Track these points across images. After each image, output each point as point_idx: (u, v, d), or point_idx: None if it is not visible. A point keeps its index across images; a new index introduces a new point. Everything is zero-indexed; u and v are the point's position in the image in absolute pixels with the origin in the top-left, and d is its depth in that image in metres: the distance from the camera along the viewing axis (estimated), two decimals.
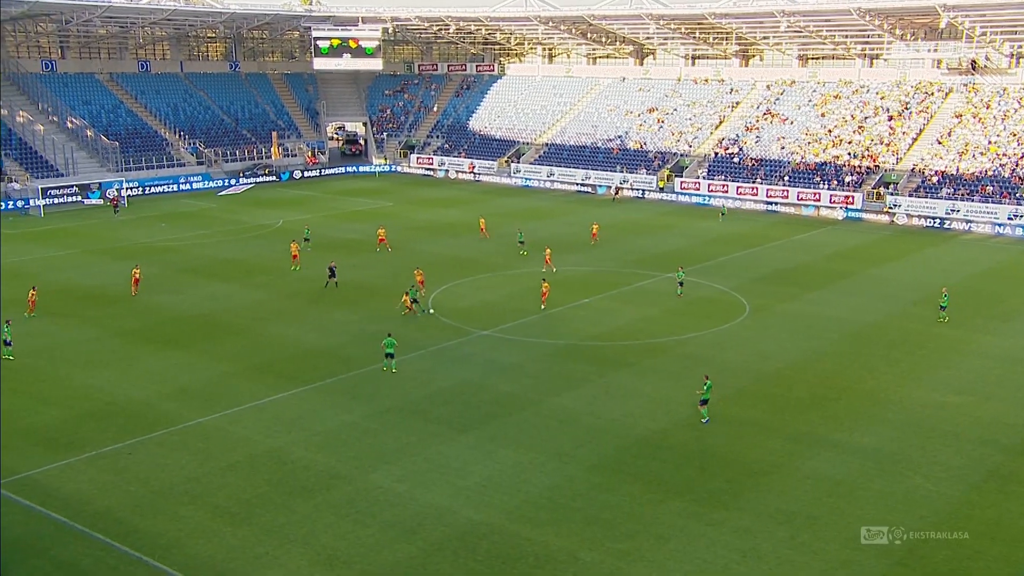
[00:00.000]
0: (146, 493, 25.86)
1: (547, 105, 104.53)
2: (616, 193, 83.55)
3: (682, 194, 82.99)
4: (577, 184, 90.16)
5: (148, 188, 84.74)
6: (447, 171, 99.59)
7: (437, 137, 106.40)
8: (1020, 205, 67.71)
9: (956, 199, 70.70)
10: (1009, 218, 67.39)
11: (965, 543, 23.02)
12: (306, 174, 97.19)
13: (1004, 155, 73.12)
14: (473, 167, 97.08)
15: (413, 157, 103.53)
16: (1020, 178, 70.19)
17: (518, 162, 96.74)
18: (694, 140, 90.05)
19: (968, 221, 68.86)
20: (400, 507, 25.16)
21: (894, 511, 24.67)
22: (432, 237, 64.17)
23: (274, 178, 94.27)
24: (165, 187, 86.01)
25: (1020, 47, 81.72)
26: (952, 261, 57.94)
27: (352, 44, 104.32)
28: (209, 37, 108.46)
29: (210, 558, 22.61)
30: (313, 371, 35.87)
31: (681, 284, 46.78)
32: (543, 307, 44.10)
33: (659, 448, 28.91)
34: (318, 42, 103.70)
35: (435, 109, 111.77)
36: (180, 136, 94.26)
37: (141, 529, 23.91)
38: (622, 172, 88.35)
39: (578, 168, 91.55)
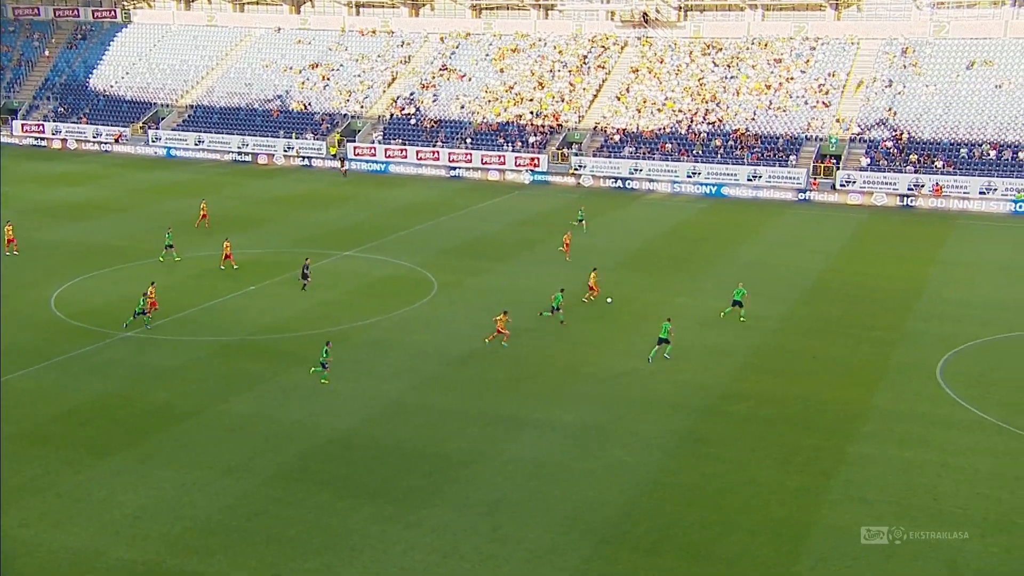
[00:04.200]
0: None
1: (188, 59, 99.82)
2: (344, 166, 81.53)
3: (357, 160, 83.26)
4: (233, 152, 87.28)
5: None
6: (65, 140, 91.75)
7: (48, 99, 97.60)
8: (697, 163, 75.96)
9: (638, 158, 77.74)
10: (688, 176, 75.39)
11: (683, 512, 25.58)
12: None
13: (680, 111, 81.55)
14: (120, 136, 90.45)
15: (16, 124, 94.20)
16: (696, 134, 78.74)
17: (157, 128, 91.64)
18: (366, 100, 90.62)
19: (651, 180, 76.03)
20: (27, 557, 22.95)
21: (596, 488, 26.75)
22: (54, 222, 58.94)
23: None
24: None
25: (687, 0, 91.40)
26: (638, 222, 63.63)
27: None
28: None
29: None
30: None
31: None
32: (493, 339, 38.21)
33: (348, 449, 28.98)
34: None
35: (42, 63, 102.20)
36: None
37: None
38: (288, 138, 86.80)
39: (232, 134, 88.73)
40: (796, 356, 37.58)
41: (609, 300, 43.50)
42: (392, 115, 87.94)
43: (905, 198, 69.44)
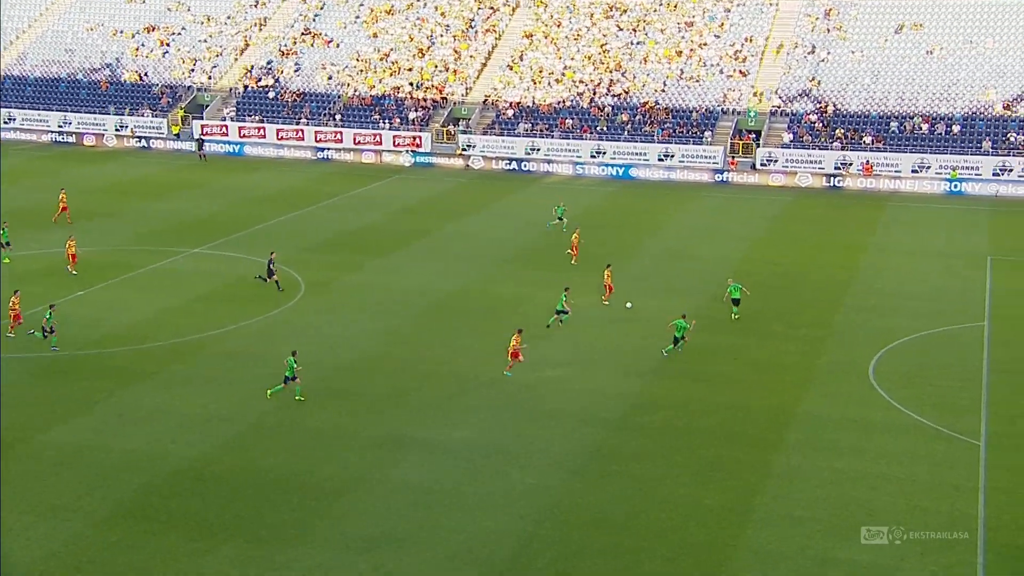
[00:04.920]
0: None
1: None
2: (201, 148, 79.41)
3: (207, 141, 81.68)
4: (53, 132, 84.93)
5: None
6: None
7: None
8: (602, 140, 76.96)
9: (535, 136, 78.36)
10: (592, 156, 76.33)
11: (590, 539, 25.86)
12: None
13: (581, 82, 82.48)
14: None
15: None
16: (599, 109, 79.75)
17: None
18: (214, 70, 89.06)
19: (549, 161, 76.73)
20: None
21: (492, 515, 26.84)
22: None
23: None
24: None
25: None
26: (536, 210, 63.96)
27: None
28: None
29: None
30: None
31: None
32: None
33: (200, 481, 28.44)
34: None
35: None
36: None
37: None
38: (120, 114, 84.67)
39: (51, 110, 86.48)
40: (715, 358, 38.41)
41: (629, 305, 43.27)
42: (246, 87, 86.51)
43: (832, 178, 71.74)
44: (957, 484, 28.60)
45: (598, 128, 78.35)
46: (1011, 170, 69.55)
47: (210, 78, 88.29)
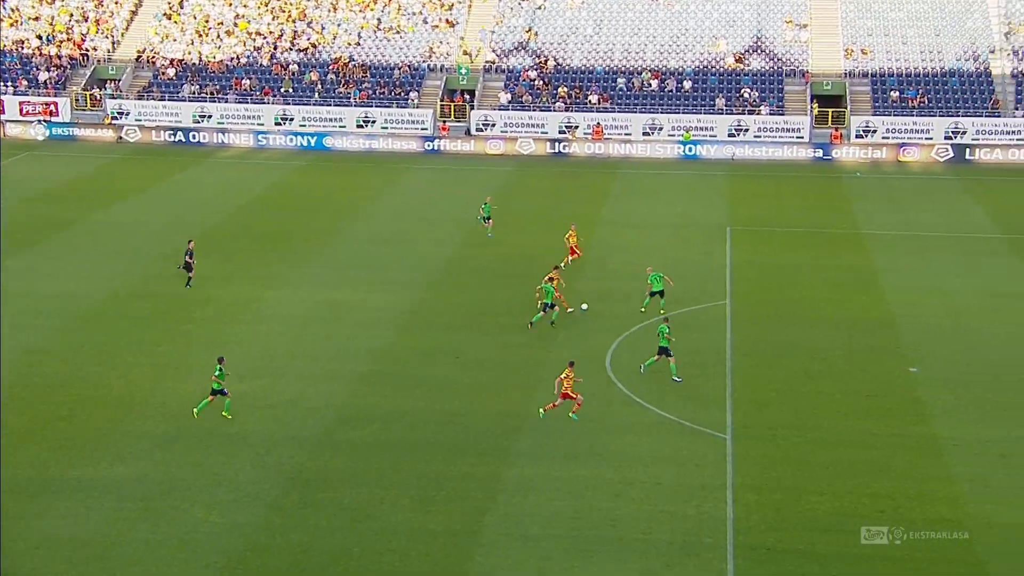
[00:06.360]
0: None
1: None
2: None
3: None
4: None
5: None
6: None
7: None
8: (288, 104, 76.33)
9: (204, 100, 76.83)
10: (276, 123, 75.63)
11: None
12: None
13: (258, 34, 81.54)
14: None
15: None
16: (283, 66, 79.06)
17: None
18: None
19: (224, 130, 75.58)
20: None
21: (170, 566, 26.15)
22: None
23: None
24: None
25: None
26: (210, 189, 63.21)
27: None
28: None
29: None
30: None
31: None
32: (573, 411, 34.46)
33: None
34: None
35: None
36: None
37: None
38: None
39: None
40: (433, 358, 38.97)
41: (584, 307, 43.44)
42: None
43: (557, 144, 74.18)
44: (704, 484, 30.30)
45: (282, 90, 77.70)
46: (747, 130, 74.37)
47: None
